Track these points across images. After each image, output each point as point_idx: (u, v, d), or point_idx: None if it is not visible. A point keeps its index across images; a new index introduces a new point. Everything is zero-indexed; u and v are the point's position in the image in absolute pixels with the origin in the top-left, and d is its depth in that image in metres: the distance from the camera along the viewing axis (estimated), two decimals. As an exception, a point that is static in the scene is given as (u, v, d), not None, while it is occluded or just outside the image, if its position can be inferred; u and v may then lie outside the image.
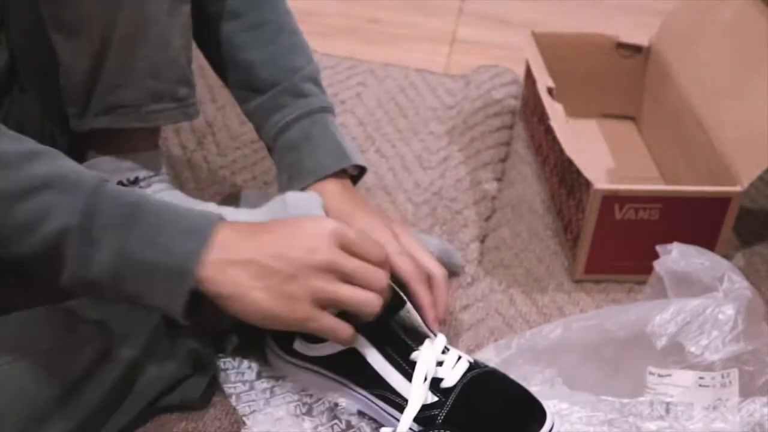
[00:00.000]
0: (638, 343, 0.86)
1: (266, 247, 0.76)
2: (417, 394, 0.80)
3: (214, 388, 0.90)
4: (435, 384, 0.82)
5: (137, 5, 0.86)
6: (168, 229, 0.74)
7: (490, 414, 0.81)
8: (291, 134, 0.98)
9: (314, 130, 0.97)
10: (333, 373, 0.86)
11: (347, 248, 0.78)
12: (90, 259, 0.72)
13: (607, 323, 0.88)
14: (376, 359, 0.82)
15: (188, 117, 0.93)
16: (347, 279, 0.78)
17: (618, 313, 0.89)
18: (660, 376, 0.86)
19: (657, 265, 0.93)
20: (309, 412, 0.87)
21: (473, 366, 0.84)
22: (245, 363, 0.91)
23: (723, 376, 0.85)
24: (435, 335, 0.85)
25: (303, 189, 0.95)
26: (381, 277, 0.79)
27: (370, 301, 0.78)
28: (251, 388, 0.89)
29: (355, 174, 1.00)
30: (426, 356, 0.82)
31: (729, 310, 0.86)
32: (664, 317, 0.86)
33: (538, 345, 0.90)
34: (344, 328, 0.79)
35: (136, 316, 0.84)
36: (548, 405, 0.82)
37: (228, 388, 0.89)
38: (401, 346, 0.82)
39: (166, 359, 0.86)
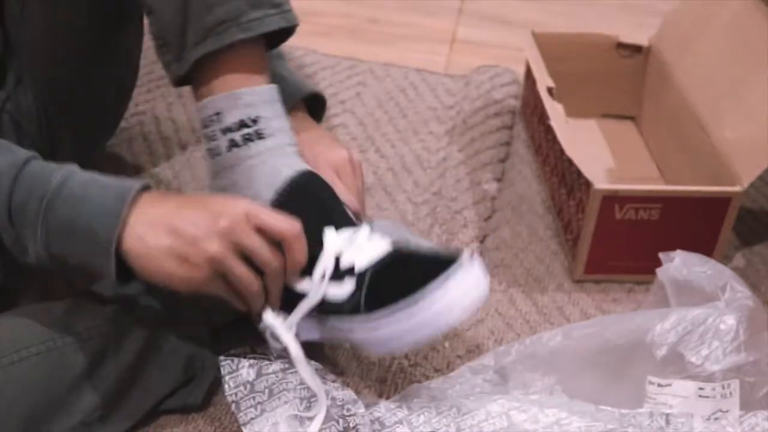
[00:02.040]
0: (638, 352, 0.86)
1: (177, 210, 0.77)
2: (316, 288, 0.80)
3: (214, 388, 0.90)
4: (350, 272, 0.80)
5: None
6: (87, 212, 0.75)
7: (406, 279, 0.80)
8: None
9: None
10: None
11: (258, 227, 0.77)
12: (24, 251, 0.77)
13: (608, 331, 0.87)
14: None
15: (290, 22, 0.86)
16: (247, 256, 0.78)
17: (618, 321, 0.88)
18: (660, 385, 0.86)
19: (659, 272, 0.92)
20: (308, 409, 0.86)
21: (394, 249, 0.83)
22: (245, 362, 0.90)
23: (723, 387, 0.85)
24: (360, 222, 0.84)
25: None
26: (278, 263, 0.79)
27: (254, 294, 0.79)
28: (251, 390, 0.88)
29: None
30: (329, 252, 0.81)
31: (730, 320, 0.85)
32: (665, 326, 0.86)
33: (537, 352, 0.90)
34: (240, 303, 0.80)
35: (131, 320, 0.84)
36: (547, 414, 0.83)
37: (230, 395, 0.88)
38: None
39: (165, 365, 0.86)
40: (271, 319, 0.82)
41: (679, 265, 0.91)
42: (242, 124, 0.83)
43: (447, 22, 1.73)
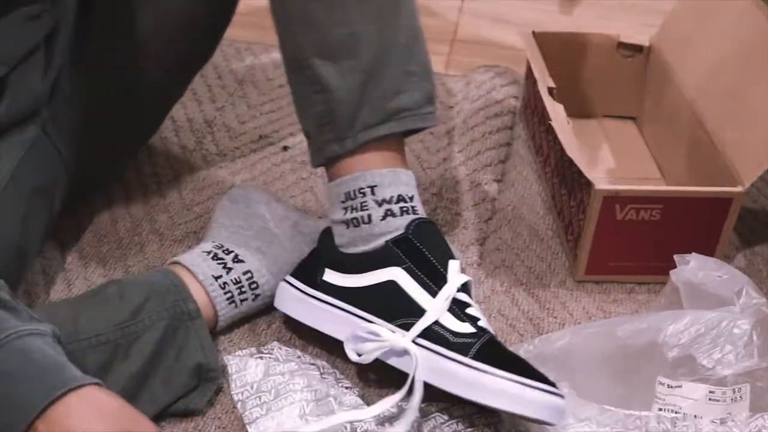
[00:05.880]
0: (650, 353, 0.86)
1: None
2: (438, 303, 0.84)
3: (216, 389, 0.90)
4: (473, 319, 0.85)
5: (411, 11, 0.88)
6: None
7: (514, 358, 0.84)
8: None
9: None
10: (357, 308, 0.88)
11: None
12: None
13: (619, 331, 0.87)
14: (412, 287, 0.86)
15: (440, 122, 0.93)
16: None
17: (630, 321, 0.88)
18: (670, 386, 0.85)
19: (673, 275, 0.92)
20: (313, 412, 0.86)
21: None
22: (252, 362, 0.90)
23: (734, 392, 0.84)
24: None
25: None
26: None
27: None
28: (258, 390, 0.88)
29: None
30: (456, 278, 0.86)
31: (745, 325, 0.85)
32: (678, 327, 0.85)
33: (546, 351, 0.89)
34: None
35: (139, 329, 0.84)
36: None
37: (236, 394, 0.88)
38: (436, 272, 0.86)
39: (171, 375, 0.85)
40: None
41: (693, 268, 0.91)
42: (400, 198, 0.87)
43: (447, 22, 1.72)
